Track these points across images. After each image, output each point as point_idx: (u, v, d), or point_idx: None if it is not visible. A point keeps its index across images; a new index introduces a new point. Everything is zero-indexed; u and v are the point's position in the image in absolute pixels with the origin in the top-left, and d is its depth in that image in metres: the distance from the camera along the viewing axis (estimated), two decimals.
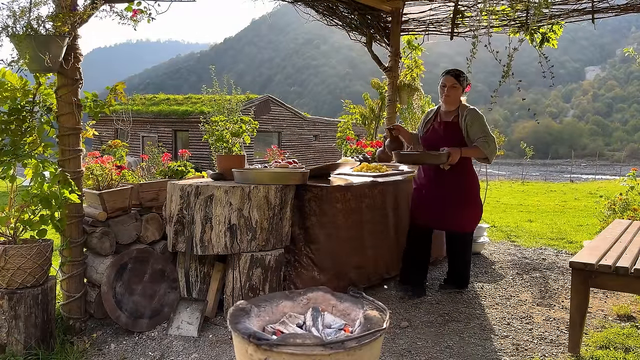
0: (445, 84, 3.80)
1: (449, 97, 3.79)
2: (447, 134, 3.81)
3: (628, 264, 2.77)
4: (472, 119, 3.74)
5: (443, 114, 3.90)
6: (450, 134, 3.80)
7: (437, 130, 3.88)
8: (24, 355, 2.67)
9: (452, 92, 3.78)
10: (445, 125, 3.84)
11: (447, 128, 3.83)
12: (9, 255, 2.66)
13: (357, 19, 5.91)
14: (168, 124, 22.92)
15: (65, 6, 2.77)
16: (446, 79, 3.80)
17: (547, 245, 6.05)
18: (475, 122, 3.73)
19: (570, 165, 42.02)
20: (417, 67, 6.30)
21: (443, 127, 3.85)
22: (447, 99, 3.80)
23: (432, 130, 3.92)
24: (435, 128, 3.91)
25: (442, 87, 3.82)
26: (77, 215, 3.03)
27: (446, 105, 3.84)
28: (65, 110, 2.92)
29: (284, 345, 1.01)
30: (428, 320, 3.46)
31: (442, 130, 3.84)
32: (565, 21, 5.24)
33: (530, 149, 16.17)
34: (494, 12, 5.20)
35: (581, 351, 2.92)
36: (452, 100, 3.80)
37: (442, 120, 3.88)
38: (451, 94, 3.78)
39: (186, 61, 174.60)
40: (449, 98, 3.79)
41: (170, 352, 2.90)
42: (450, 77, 3.78)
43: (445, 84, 3.80)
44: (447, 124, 3.84)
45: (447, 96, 3.78)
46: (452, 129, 3.81)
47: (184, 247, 3.24)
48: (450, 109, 3.84)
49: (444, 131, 3.83)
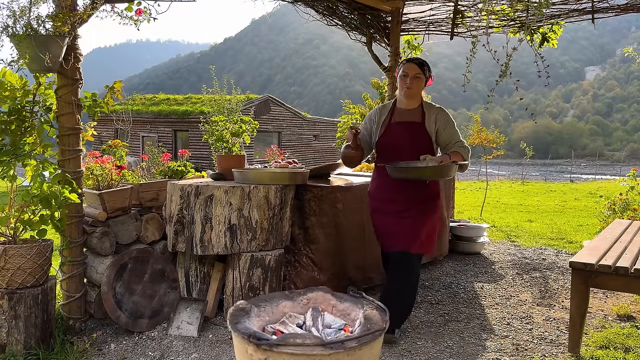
0: (407, 72, 3.11)
1: (410, 90, 3.11)
2: (413, 138, 3.13)
3: (628, 264, 2.78)
4: (444, 121, 3.16)
5: (403, 112, 3.20)
6: (417, 138, 3.13)
7: (397, 133, 3.16)
8: (24, 355, 2.67)
9: (415, 84, 3.11)
10: (408, 127, 3.15)
11: (411, 130, 3.14)
12: (9, 255, 2.66)
13: (357, 19, 5.91)
14: (168, 124, 22.92)
15: (65, 6, 2.77)
16: (408, 66, 3.12)
17: (547, 245, 6.05)
18: (448, 125, 3.16)
19: (570, 165, 42.02)
20: None
21: (406, 128, 3.15)
22: (409, 92, 3.11)
23: (391, 132, 3.18)
24: (394, 130, 3.17)
25: (403, 77, 3.13)
26: (77, 215, 3.03)
27: (407, 99, 3.16)
28: (65, 110, 2.92)
29: (284, 345, 1.01)
30: (428, 320, 3.46)
31: (405, 133, 3.15)
32: (565, 21, 5.24)
33: (530, 149, 16.15)
34: (493, 12, 5.20)
35: (581, 351, 2.92)
36: (414, 93, 3.13)
37: (403, 120, 3.18)
38: (414, 85, 3.10)
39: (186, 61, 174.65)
40: (410, 91, 3.11)
41: (170, 352, 2.90)
42: (413, 65, 3.11)
43: (407, 73, 3.11)
44: (412, 126, 3.15)
45: (409, 88, 3.10)
46: (418, 132, 3.13)
47: (184, 247, 3.24)
48: (412, 105, 3.18)
49: (408, 134, 3.14)
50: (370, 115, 3.37)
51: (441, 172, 2.97)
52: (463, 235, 5.38)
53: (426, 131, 3.14)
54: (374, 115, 3.32)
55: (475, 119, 9.24)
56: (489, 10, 4.12)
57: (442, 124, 3.17)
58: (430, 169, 2.94)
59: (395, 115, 3.21)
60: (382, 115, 3.27)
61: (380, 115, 3.28)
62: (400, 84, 3.16)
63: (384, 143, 3.20)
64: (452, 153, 3.08)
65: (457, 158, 3.03)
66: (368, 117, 3.36)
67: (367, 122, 3.35)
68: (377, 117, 3.29)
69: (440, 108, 3.23)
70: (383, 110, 3.30)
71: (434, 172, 2.96)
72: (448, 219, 5.17)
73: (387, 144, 3.19)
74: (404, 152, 3.11)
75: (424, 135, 3.14)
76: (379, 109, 3.33)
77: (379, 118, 3.27)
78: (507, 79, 2.78)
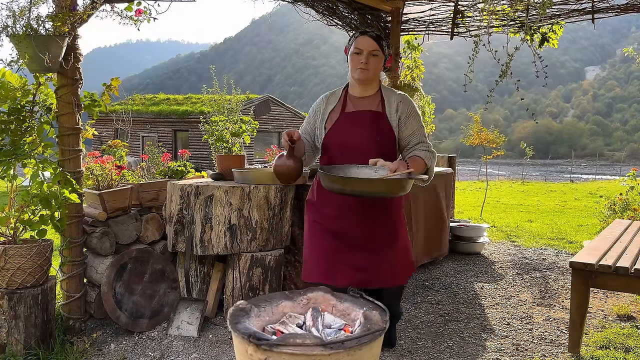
0: (361, 49, 2.35)
1: (366, 71, 2.36)
2: (371, 133, 2.39)
3: (628, 264, 2.77)
4: (407, 110, 2.43)
5: (357, 101, 2.46)
6: (376, 133, 2.40)
7: (350, 127, 2.42)
8: (23, 356, 2.67)
9: (373, 63, 2.37)
10: (364, 119, 2.41)
11: (368, 122, 2.40)
12: (9, 255, 2.66)
13: (357, 19, 5.90)
14: (168, 124, 22.93)
15: (65, 6, 2.77)
16: (362, 41, 2.36)
17: (547, 246, 6.05)
18: (412, 115, 2.43)
19: (570, 165, 42.02)
20: (417, 67, 6.30)
21: (362, 120, 2.42)
22: (364, 73, 2.36)
23: (341, 126, 2.44)
24: (346, 123, 2.43)
25: (356, 55, 2.37)
26: (77, 215, 3.03)
27: (362, 83, 2.42)
28: (65, 110, 2.92)
29: (283, 345, 1.01)
30: (428, 320, 3.46)
31: (359, 127, 2.41)
32: (565, 21, 5.24)
33: (531, 149, 16.14)
34: (494, 12, 5.20)
35: (581, 351, 2.92)
36: (372, 75, 2.39)
37: (358, 108, 2.44)
38: (371, 65, 2.36)
39: (186, 61, 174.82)
40: (366, 72, 2.36)
41: (170, 352, 2.90)
42: (368, 39, 2.36)
43: (362, 50, 2.34)
44: (370, 116, 2.41)
45: (365, 69, 2.35)
46: (378, 124, 2.40)
47: (184, 247, 3.24)
48: (368, 91, 2.45)
49: (364, 128, 2.40)
50: (314, 107, 2.58)
51: (390, 187, 2.14)
52: (463, 236, 5.38)
53: (388, 123, 2.40)
54: (319, 105, 2.54)
55: (475, 119, 9.24)
56: (489, 10, 4.11)
57: (405, 114, 2.41)
58: (373, 183, 2.09)
59: (347, 105, 2.45)
60: (330, 105, 2.49)
61: (326, 105, 2.51)
62: (353, 64, 2.38)
63: (332, 142, 2.44)
64: (411, 159, 2.34)
65: (416, 167, 2.27)
66: (312, 110, 2.60)
67: (311, 115, 2.58)
68: (322, 107, 2.52)
69: (403, 95, 2.49)
70: (331, 98, 2.52)
71: (379, 186, 2.11)
72: (448, 219, 5.17)
73: (335, 143, 2.44)
74: (358, 153, 2.37)
75: (386, 128, 2.39)
76: (326, 97, 2.55)
77: (325, 108, 2.50)
78: (508, 79, 2.78)
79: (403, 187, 2.13)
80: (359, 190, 2.09)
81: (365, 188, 2.08)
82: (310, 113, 2.61)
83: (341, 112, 2.45)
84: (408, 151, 2.43)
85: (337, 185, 2.12)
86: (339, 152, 2.44)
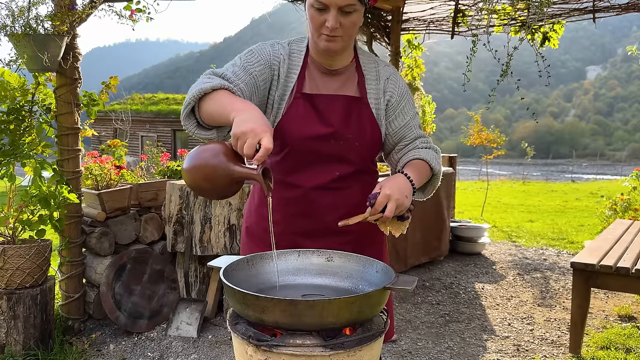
0: (327, 4, 1.30)
1: (335, 42, 1.37)
2: (346, 130, 1.45)
3: (629, 265, 2.76)
4: (399, 90, 1.53)
5: (320, 76, 1.48)
6: (354, 131, 1.46)
7: (309, 118, 1.44)
8: (22, 356, 2.66)
9: (347, 26, 1.35)
10: (336, 108, 1.46)
11: (343, 114, 1.46)
12: (8, 256, 2.65)
13: None
14: (167, 123, 22.91)
15: (63, 5, 2.76)
16: None
17: (548, 246, 6.04)
18: (404, 98, 1.54)
19: (571, 165, 42.00)
20: (417, 66, 6.29)
21: (332, 110, 1.46)
22: (333, 43, 1.37)
23: (296, 113, 1.44)
24: (304, 110, 1.44)
25: (317, 12, 1.33)
26: (76, 215, 3.02)
27: (330, 52, 1.40)
28: (64, 110, 2.91)
29: (283, 346, 1.00)
30: (429, 321, 3.45)
31: (327, 120, 1.44)
32: (566, 20, 5.23)
33: (532, 149, 16.11)
34: (494, 11, 5.19)
35: (582, 352, 2.91)
36: (346, 43, 1.41)
37: (322, 91, 1.47)
38: (344, 30, 1.36)
39: (185, 60, 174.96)
40: (335, 43, 1.37)
41: (169, 353, 2.89)
42: None
43: (327, 5, 1.30)
44: (343, 104, 1.46)
45: (333, 40, 1.37)
46: (357, 116, 1.47)
47: (183, 247, 3.23)
48: (338, 62, 1.47)
49: (337, 122, 1.45)
50: (268, 58, 1.45)
51: (352, 312, 1.08)
52: (464, 236, 5.37)
53: (371, 113, 1.49)
54: (279, 60, 1.47)
55: (476, 118, 9.21)
56: (490, 9, 4.10)
57: (393, 98, 1.52)
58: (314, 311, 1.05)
59: (305, 81, 1.47)
60: (291, 74, 1.47)
61: (288, 71, 1.47)
62: (314, 25, 1.37)
63: (290, 138, 1.45)
64: (411, 165, 1.47)
65: (421, 177, 1.46)
66: (261, 57, 1.45)
67: (255, 64, 1.43)
68: (284, 70, 1.47)
69: (390, 67, 1.58)
70: (292, 57, 1.48)
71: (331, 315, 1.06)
72: (448, 219, 5.16)
73: (287, 139, 1.45)
74: (318, 166, 1.47)
75: (367, 123, 1.48)
76: (287, 56, 1.48)
77: (287, 76, 1.47)
78: (508, 78, 2.77)
79: (378, 301, 1.15)
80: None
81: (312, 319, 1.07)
82: (255, 60, 1.43)
83: (295, 91, 1.45)
84: (402, 151, 1.55)
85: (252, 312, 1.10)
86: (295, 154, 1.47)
